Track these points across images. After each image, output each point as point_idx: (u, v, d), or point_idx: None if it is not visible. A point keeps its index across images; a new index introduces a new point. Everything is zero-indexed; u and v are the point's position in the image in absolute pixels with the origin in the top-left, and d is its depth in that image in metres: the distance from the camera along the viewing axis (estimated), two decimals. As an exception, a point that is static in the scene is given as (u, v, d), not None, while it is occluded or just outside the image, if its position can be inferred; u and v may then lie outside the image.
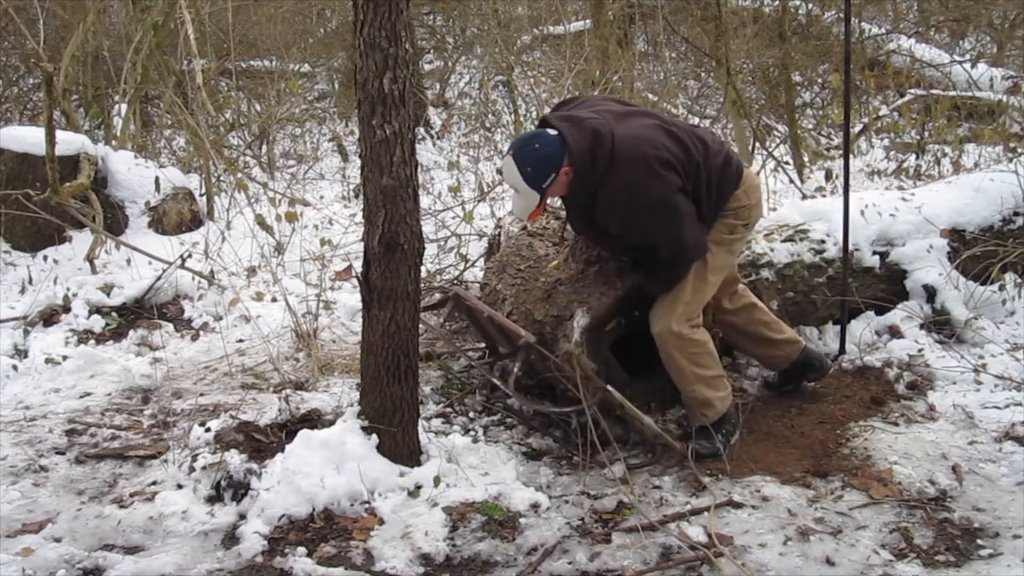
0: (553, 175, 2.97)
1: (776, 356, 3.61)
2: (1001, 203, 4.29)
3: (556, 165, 2.96)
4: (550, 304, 3.37)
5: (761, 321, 3.55)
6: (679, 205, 3.01)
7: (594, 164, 2.96)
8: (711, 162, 3.13)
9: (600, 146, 2.95)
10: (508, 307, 3.55)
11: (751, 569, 2.53)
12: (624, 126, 3.03)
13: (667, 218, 3.01)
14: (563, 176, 2.99)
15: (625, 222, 3.02)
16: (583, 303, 3.27)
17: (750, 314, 3.54)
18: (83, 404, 3.82)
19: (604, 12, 8.64)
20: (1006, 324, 4.08)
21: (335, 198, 7.31)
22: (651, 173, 2.95)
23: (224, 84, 9.24)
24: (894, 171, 6.67)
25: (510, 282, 3.63)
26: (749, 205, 3.25)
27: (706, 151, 3.13)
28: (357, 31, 2.73)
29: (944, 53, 8.30)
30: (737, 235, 3.28)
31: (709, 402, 3.24)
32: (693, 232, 3.08)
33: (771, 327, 3.56)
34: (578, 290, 3.33)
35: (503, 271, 3.72)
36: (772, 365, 3.67)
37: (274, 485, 2.88)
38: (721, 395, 3.26)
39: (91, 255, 5.22)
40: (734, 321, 3.54)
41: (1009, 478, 2.99)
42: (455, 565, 2.63)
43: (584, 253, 3.42)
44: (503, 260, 3.78)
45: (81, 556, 2.66)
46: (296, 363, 4.17)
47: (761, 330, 3.55)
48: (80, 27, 6.56)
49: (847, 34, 4.05)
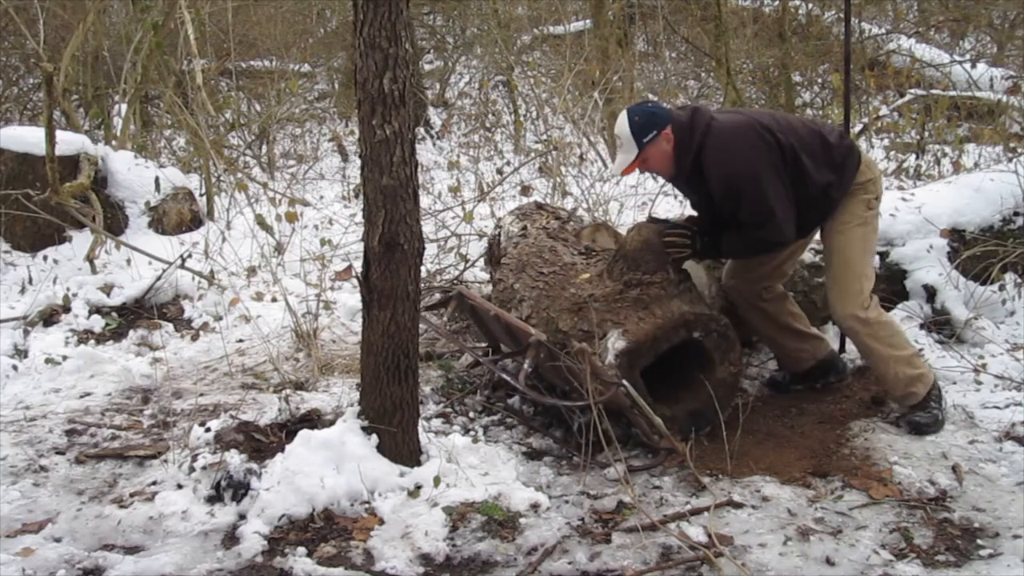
0: (655, 132, 3.21)
1: (803, 351, 3.64)
2: (1001, 203, 4.29)
3: (660, 124, 3.22)
4: (579, 318, 3.30)
5: (791, 312, 3.63)
6: (769, 174, 3.18)
7: (693, 134, 3.23)
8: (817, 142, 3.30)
9: (699, 120, 3.25)
10: (527, 309, 3.51)
11: (751, 569, 2.53)
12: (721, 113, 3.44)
13: (755, 185, 3.17)
14: (663, 140, 3.23)
15: (719, 186, 3.23)
16: (619, 324, 3.20)
17: (781, 304, 3.61)
18: (83, 404, 3.82)
19: (604, 12, 8.65)
20: (1006, 324, 4.08)
21: (335, 198, 7.31)
22: (744, 141, 3.21)
23: (224, 84, 9.24)
24: (894, 171, 6.66)
25: (530, 284, 3.57)
26: (874, 178, 3.39)
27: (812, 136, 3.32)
28: (357, 31, 2.74)
29: (944, 53, 8.30)
30: (874, 210, 3.40)
31: (915, 379, 3.33)
32: (780, 205, 3.20)
33: (800, 320, 3.64)
34: (614, 310, 3.25)
35: (522, 270, 3.67)
36: (797, 361, 3.67)
37: (274, 485, 2.88)
38: (923, 371, 3.37)
39: (91, 255, 5.22)
40: (767, 309, 3.60)
41: (1009, 478, 2.99)
42: (455, 565, 2.63)
43: (625, 274, 3.34)
44: (523, 259, 3.73)
45: (81, 556, 2.66)
46: (296, 363, 4.18)
47: (791, 321, 3.62)
48: (80, 27, 6.56)
49: (847, 34, 4.05)
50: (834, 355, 3.71)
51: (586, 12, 9.78)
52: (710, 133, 3.22)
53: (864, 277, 3.34)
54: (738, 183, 3.19)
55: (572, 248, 3.75)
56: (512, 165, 7.35)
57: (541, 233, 3.90)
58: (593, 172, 6.65)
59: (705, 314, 3.28)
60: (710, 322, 3.27)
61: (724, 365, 3.31)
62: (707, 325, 3.26)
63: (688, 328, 3.23)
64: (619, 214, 5.46)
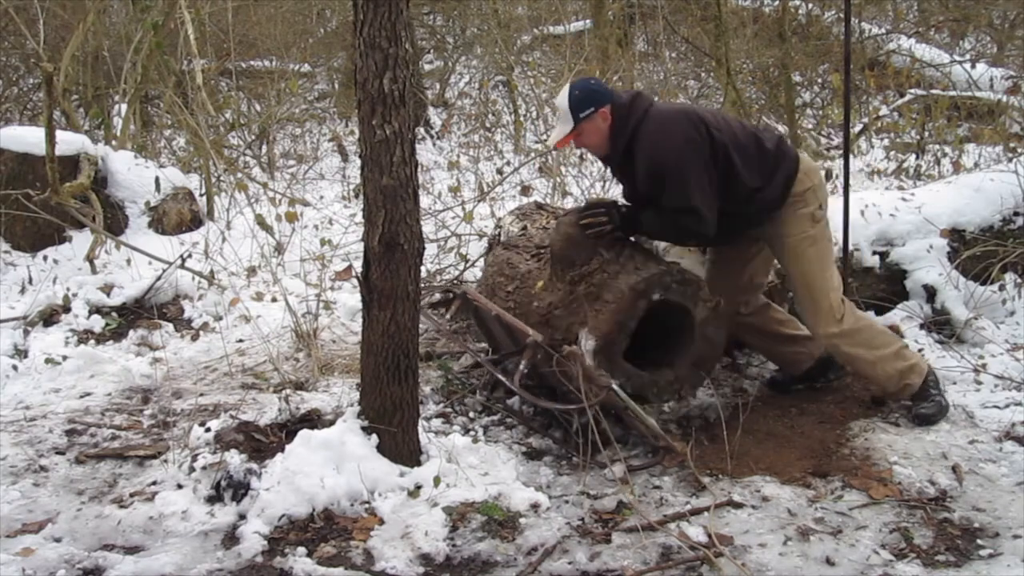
0: (592, 108, 3.22)
1: (800, 353, 3.63)
2: (1001, 203, 4.29)
3: (599, 102, 3.23)
4: (551, 328, 3.30)
5: (777, 320, 3.62)
6: (695, 166, 3.17)
7: (630, 117, 3.23)
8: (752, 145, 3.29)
9: (638, 104, 3.26)
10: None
11: (751, 569, 2.53)
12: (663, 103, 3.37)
13: (679, 175, 3.16)
14: (600, 118, 3.23)
15: (645, 169, 3.24)
16: (583, 324, 3.20)
17: (765, 314, 3.61)
18: (83, 404, 3.82)
19: (604, 12, 8.65)
20: (1006, 324, 4.08)
21: (335, 198, 7.31)
22: (677, 130, 3.20)
23: (224, 84, 9.24)
24: (894, 171, 6.66)
25: (502, 305, 3.56)
26: (814, 186, 3.36)
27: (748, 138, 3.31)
28: (357, 31, 2.74)
29: (944, 53, 8.29)
30: (820, 221, 3.37)
31: (907, 371, 3.35)
32: (702, 197, 3.17)
33: (789, 325, 3.63)
34: (573, 311, 3.25)
35: (493, 294, 3.66)
36: (796, 364, 3.67)
37: (274, 485, 2.88)
38: (913, 361, 3.39)
39: (91, 255, 5.22)
40: (752, 323, 3.60)
41: (1009, 478, 2.99)
42: (455, 565, 2.63)
43: (568, 272, 3.32)
44: (490, 282, 3.73)
45: (81, 556, 2.66)
46: (296, 363, 4.18)
47: (779, 328, 3.62)
48: (80, 27, 6.55)
49: (847, 34, 4.06)
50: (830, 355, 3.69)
51: (586, 12, 9.78)
52: (646, 119, 3.23)
53: (830, 290, 3.33)
54: (663, 170, 3.18)
55: (524, 254, 3.70)
56: (512, 165, 7.35)
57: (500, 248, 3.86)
58: (593, 172, 6.65)
59: (653, 273, 3.20)
60: (663, 278, 3.20)
61: (699, 306, 3.27)
62: (661, 282, 3.20)
63: (645, 296, 3.18)
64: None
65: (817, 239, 3.35)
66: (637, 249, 3.37)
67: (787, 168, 3.32)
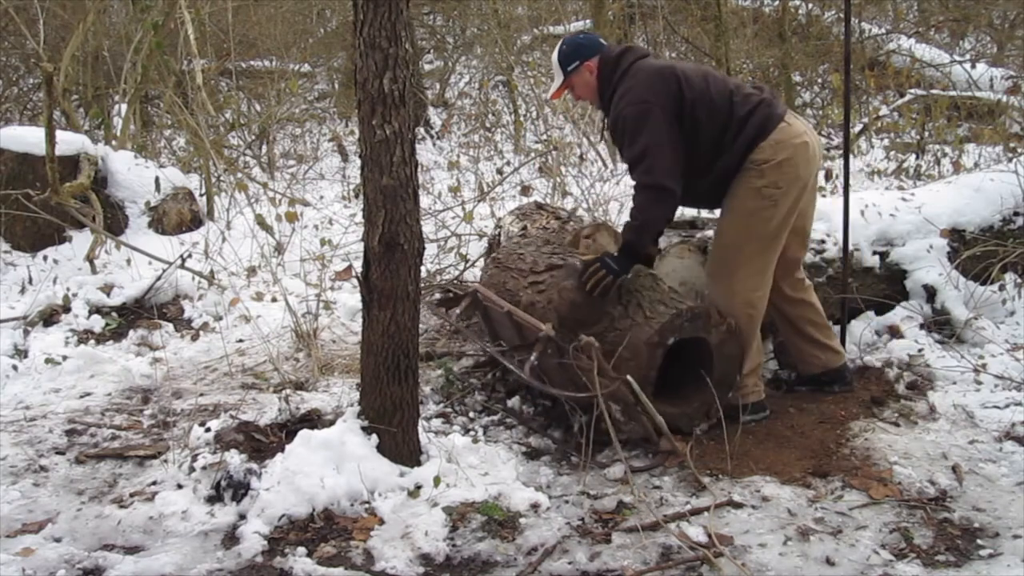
0: (578, 62, 3.34)
1: (815, 357, 3.61)
2: (1001, 203, 4.29)
3: (585, 55, 3.35)
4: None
5: (812, 321, 3.58)
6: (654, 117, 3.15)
7: (615, 71, 3.30)
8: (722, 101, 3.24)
9: (625, 59, 3.31)
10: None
11: (751, 569, 2.53)
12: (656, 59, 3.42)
13: (636, 123, 3.18)
14: (586, 71, 3.35)
15: (611, 120, 3.30)
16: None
17: (804, 310, 3.56)
18: (83, 404, 3.82)
19: (604, 12, 8.65)
20: (1006, 324, 4.08)
21: (335, 198, 7.31)
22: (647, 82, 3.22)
23: (224, 84, 9.25)
24: (894, 171, 6.67)
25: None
26: (776, 161, 3.20)
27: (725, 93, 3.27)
28: (357, 31, 2.73)
29: (944, 53, 8.30)
30: (765, 202, 3.22)
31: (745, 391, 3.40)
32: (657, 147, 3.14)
33: (821, 330, 3.59)
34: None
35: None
36: (808, 364, 3.65)
37: (274, 485, 2.88)
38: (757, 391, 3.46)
39: (91, 255, 5.22)
40: (787, 311, 3.57)
41: (1009, 478, 2.99)
42: (455, 565, 2.63)
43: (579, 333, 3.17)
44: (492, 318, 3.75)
45: (81, 556, 2.66)
46: (296, 363, 4.18)
47: (809, 329, 3.58)
48: (80, 27, 6.56)
49: (847, 34, 4.05)
50: (844, 368, 3.66)
51: (586, 12, 9.78)
52: (627, 73, 3.26)
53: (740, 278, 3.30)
54: (621, 121, 3.21)
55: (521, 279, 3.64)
56: (512, 165, 7.36)
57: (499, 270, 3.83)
58: (593, 172, 6.66)
59: (664, 323, 3.18)
60: (674, 322, 3.20)
61: (713, 332, 3.28)
62: (673, 326, 3.20)
63: (661, 346, 3.19)
64: (619, 214, 5.45)
65: (753, 215, 3.25)
66: (642, 295, 3.31)
67: (750, 129, 3.22)
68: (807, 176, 3.30)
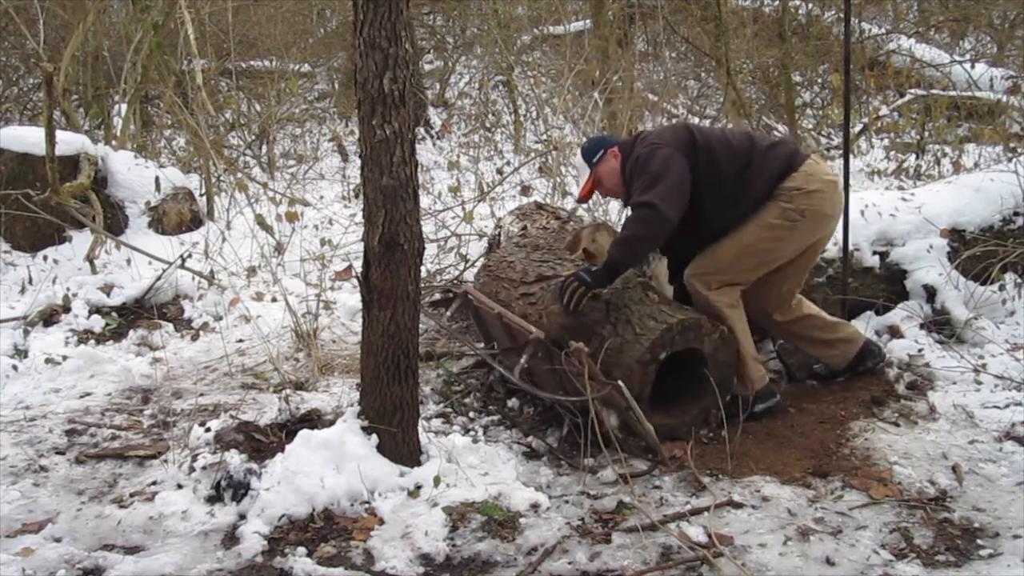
0: (602, 151, 3.53)
1: (833, 355, 3.70)
2: (1001, 203, 4.29)
3: (606, 144, 3.58)
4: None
5: (815, 326, 3.66)
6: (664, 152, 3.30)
7: (633, 145, 3.46)
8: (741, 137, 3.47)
9: (639, 136, 3.52)
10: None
11: (751, 569, 2.53)
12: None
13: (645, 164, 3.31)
14: (611, 156, 3.51)
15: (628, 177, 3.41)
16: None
17: (804, 324, 3.66)
18: (83, 404, 3.82)
19: (604, 12, 8.65)
20: (1006, 324, 4.08)
21: (335, 198, 7.31)
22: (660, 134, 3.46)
23: (224, 84, 9.24)
24: (894, 171, 6.67)
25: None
26: (805, 191, 3.35)
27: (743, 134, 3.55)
28: (357, 31, 2.73)
29: (944, 53, 8.30)
30: (786, 221, 3.35)
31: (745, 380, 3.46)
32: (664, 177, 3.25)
33: (826, 330, 3.67)
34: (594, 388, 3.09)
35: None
36: (830, 361, 3.72)
37: (274, 485, 2.88)
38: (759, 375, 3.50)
39: (91, 255, 5.22)
40: (789, 328, 3.67)
41: (1009, 478, 2.99)
42: (455, 565, 2.63)
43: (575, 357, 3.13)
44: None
45: (81, 556, 2.66)
46: (296, 363, 4.18)
47: (816, 334, 3.67)
48: (80, 27, 6.56)
49: (847, 34, 4.06)
50: (867, 344, 3.71)
51: (586, 12, 9.77)
52: (640, 139, 3.44)
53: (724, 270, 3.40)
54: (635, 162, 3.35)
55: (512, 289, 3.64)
56: (512, 165, 7.35)
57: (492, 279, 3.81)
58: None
59: (655, 339, 3.19)
60: (664, 336, 3.21)
61: (705, 342, 3.30)
62: (663, 341, 3.21)
63: (653, 362, 3.21)
64: (619, 214, 5.46)
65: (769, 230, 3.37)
66: (631, 310, 3.30)
67: (779, 163, 3.38)
68: (831, 214, 3.47)
